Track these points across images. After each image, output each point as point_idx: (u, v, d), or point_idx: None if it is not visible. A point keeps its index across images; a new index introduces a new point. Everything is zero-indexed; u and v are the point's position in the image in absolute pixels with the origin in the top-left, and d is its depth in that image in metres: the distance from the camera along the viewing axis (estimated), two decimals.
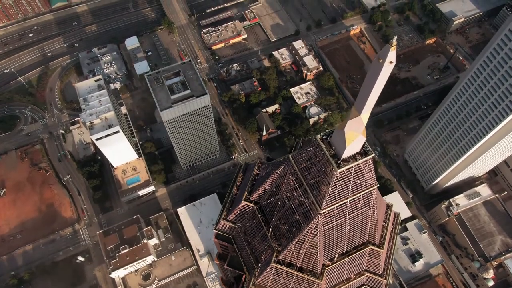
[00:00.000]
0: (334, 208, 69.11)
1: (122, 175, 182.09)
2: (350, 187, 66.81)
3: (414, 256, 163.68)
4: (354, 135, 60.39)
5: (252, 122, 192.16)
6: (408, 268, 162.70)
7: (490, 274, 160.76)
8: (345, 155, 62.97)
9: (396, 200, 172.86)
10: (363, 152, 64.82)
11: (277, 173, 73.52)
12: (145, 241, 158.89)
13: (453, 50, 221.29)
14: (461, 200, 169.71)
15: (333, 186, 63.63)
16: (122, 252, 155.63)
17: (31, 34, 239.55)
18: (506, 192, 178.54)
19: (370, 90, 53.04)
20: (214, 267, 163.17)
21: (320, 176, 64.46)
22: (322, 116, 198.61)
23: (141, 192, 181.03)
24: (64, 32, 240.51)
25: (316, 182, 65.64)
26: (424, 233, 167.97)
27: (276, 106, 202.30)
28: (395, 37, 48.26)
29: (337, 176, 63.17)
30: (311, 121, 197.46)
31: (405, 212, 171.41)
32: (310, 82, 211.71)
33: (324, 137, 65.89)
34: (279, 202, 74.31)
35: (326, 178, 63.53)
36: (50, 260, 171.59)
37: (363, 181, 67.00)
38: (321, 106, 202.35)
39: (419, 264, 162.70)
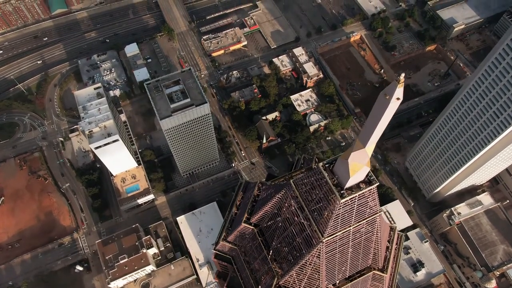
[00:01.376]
0: (337, 236, 67.77)
1: (121, 183, 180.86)
2: (354, 215, 65.54)
3: (416, 266, 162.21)
4: (358, 166, 59.15)
5: (252, 130, 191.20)
6: (410, 278, 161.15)
7: (493, 284, 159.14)
8: (349, 184, 61.67)
9: (397, 209, 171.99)
10: (367, 181, 63.52)
11: (278, 197, 72.32)
12: (144, 250, 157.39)
13: (454, 57, 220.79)
14: (462, 209, 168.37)
15: (336, 215, 62.32)
16: (121, 261, 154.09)
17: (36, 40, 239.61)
18: (508, 201, 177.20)
19: (376, 124, 51.74)
20: (213, 276, 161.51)
21: (323, 202, 63.28)
22: (322, 123, 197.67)
23: (141, 201, 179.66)
24: (64, 39, 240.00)
25: (318, 209, 64.53)
26: (425, 242, 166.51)
27: (276, 113, 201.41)
28: (403, 74, 46.84)
29: (340, 205, 61.89)
30: (312, 128, 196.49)
31: (406, 221, 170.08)
32: (310, 89, 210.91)
33: (326, 165, 64.56)
34: (280, 225, 73.00)
35: (329, 206, 62.41)
36: (48, 270, 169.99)
37: (367, 209, 65.78)
38: (321, 114, 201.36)
39: (421, 274, 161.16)
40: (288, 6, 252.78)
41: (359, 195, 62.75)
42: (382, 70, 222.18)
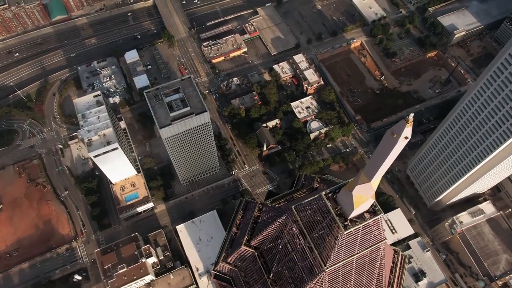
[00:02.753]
0: (340, 264, 66.27)
1: (120, 192, 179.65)
2: (358, 244, 64.14)
3: (418, 275, 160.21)
4: (363, 198, 57.70)
5: (253, 137, 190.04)
6: None
7: None
8: (353, 215, 60.41)
9: (398, 217, 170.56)
10: (372, 211, 62.24)
11: (279, 221, 70.86)
12: (143, 260, 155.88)
13: (455, 64, 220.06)
14: (464, 218, 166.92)
15: (339, 245, 60.98)
16: (120, 271, 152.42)
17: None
18: (510, 209, 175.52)
19: (382, 161, 50.68)
20: (213, 286, 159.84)
21: (325, 230, 61.98)
22: (323, 131, 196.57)
23: (140, 209, 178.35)
24: (64, 45, 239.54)
25: (321, 236, 63.19)
26: (427, 251, 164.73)
27: (277, 120, 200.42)
28: (412, 114, 45.57)
29: (344, 236, 60.54)
30: (312, 136, 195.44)
31: (407, 230, 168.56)
32: (310, 96, 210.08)
33: (329, 194, 63.26)
34: (280, 249, 71.51)
35: (332, 235, 61.11)
36: (46, 279, 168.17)
37: (371, 237, 64.54)
38: (322, 121, 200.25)
39: (423, 284, 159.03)
40: (289, 12, 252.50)
41: (363, 225, 61.47)
42: (383, 77, 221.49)
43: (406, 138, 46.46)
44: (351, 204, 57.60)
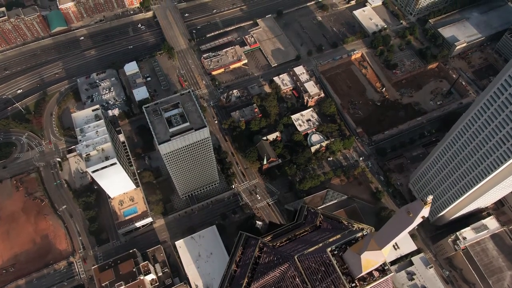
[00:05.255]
0: None
1: (119, 206, 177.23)
2: None
3: None
4: (372, 263, 55.14)
5: (253, 151, 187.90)
6: None
7: None
8: (360, 275, 58.19)
9: None
10: (381, 269, 59.91)
11: (281, 269, 68.39)
12: (142, 277, 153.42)
13: (456, 75, 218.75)
14: (468, 234, 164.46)
15: None
16: None
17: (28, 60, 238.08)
18: None
19: (395, 236, 48.75)
20: None
21: (329, 285, 59.30)
22: (324, 144, 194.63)
23: (138, 224, 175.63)
24: (63, 57, 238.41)
25: None
26: (430, 267, 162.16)
27: (277, 133, 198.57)
28: (431, 197, 43.16)
29: None
30: (313, 149, 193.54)
31: (410, 246, 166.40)
32: (311, 108, 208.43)
33: (335, 251, 60.86)
34: None
35: None
36: None
37: None
38: (322, 134, 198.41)
39: None
40: (289, 24, 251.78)
41: (372, 286, 59.16)
42: (384, 89, 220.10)
43: (422, 217, 44.41)
44: (359, 266, 55.37)
